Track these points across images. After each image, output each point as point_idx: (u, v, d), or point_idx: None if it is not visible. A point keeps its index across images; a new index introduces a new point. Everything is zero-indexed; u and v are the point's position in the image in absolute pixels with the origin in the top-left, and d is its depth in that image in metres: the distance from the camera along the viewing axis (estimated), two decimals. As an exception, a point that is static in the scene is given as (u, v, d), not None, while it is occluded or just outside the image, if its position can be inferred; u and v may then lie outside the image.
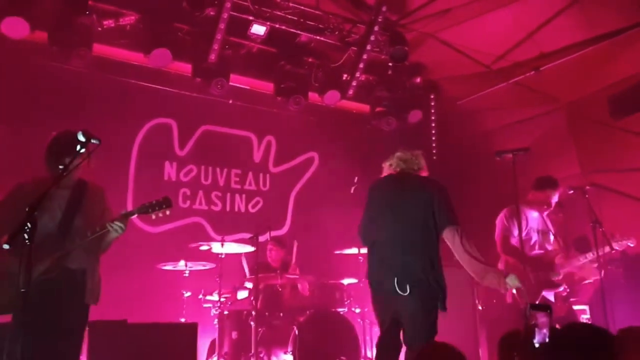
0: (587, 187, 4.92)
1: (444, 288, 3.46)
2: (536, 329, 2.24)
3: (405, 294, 3.37)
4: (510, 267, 4.86)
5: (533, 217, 5.12)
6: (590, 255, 4.96)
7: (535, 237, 5.08)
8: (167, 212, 3.32)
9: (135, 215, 3.31)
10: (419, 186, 3.70)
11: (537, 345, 2.22)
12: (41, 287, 3.00)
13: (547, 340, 2.22)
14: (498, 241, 5.10)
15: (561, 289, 4.98)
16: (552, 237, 5.13)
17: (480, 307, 6.32)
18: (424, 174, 3.85)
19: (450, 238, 3.52)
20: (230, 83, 6.11)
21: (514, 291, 4.75)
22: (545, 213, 5.17)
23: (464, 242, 3.47)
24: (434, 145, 7.67)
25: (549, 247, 5.10)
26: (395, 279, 3.40)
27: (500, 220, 5.14)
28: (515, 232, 4.93)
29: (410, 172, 3.78)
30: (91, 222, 3.23)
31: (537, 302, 4.69)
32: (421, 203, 3.59)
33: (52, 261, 3.09)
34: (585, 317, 5.90)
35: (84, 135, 2.89)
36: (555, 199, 5.09)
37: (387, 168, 3.87)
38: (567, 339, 2.25)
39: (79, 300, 3.20)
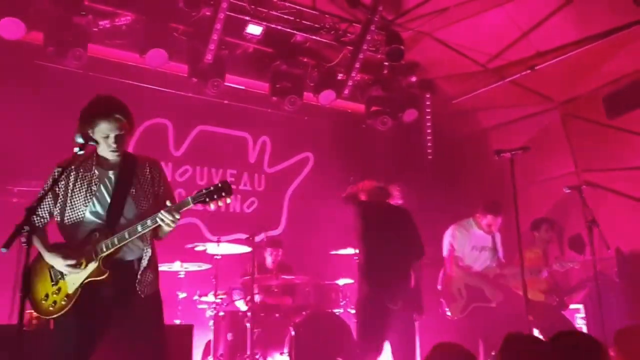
0: (583, 187, 4.93)
1: None
2: None
3: None
4: (447, 278, 5.29)
5: (478, 234, 5.34)
6: (513, 269, 5.06)
7: (475, 255, 5.34)
8: (228, 201, 2.81)
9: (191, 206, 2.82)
10: None
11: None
12: (94, 291, 2.81)
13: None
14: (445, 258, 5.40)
15: (493, 304, 5.12)
16: (496, 254, 5.36)
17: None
18: None
19: None
20: (226, 83, 6.10)
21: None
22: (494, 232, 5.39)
23: None
24: (429, 144, 7.68)
25: (492, 264, 5.33)
26: None
27: (445, 237, 5.43)
28: (457, 247, 5.30)
29: None
30: (143, 206, 2.95)
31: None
32: None
33: (101, 261, 2.81)
34: (580, 316, 5.92)
35: (82, 136, 2.84)
36: (492, 223, 5.28)
37: None
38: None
39: (137, 296, 2.90)
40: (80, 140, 2.82)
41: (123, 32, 5.70)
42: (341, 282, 5.79)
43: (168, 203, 2.82)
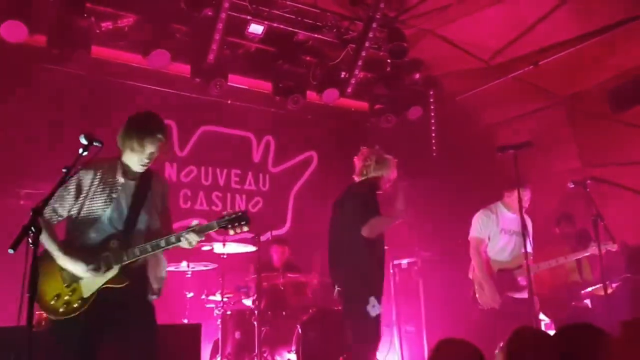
0: (588, 181, 4.90)
1: None
2: None
3: None
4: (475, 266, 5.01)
5: (508, 217, 5.10)
6: (561, 259, 5.01)
7: (506, 239, 5.08)
8: (246, 229, 3.01)
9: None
10: None
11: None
12: (108, 297, 2.90)
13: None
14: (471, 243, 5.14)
15: (525, 295, 4.66)
16: (528, 240, 5.11)
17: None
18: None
19: None
20: (229, 83, 6.11)
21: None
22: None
23: None
24: (433, 141, 7.66)
25: (523, 250, 4.91)
26: None
27: (473, 221, 5.18)
28: (487, 234, 5.04)
29: None
30: (152, 219, 3.08)
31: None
32: None
33: (120, 269, 2.92)
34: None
35: (86, 138, 2.86)
36: (521, 198, 4.79)
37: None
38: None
39: (147, 301, 3.08)
40: (84, 141, 2.84)
41: (125, 33, 5.71)
42: (347, 280, 5.79)
43: (194, 222, 2.98)
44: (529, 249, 4.61)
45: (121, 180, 3.04)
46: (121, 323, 2.93)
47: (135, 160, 3.05)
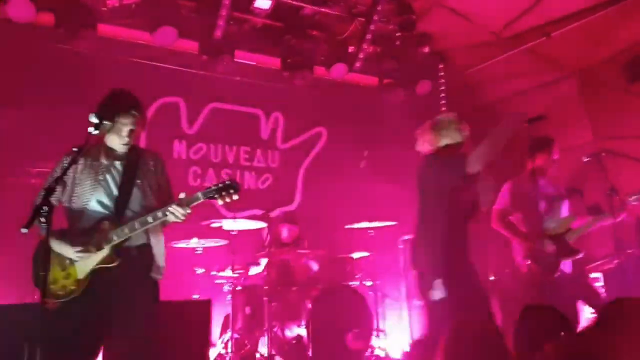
0: (602, 154, 4.83)
1: None
2: None
3: None
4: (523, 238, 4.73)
5: (542, 184, 4.88)
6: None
7: (544, 205, 4.83)
8: (235, 197, 3.03)
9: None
10: None
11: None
12: (103, 277, 2.96)
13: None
14: (494, 215, 4.86)
15: (580, 255, 4.66)
16: (562, 203, 4.96)
17: (492, 278, 6.35)
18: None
19: None
20: (236, 59, 6.07)
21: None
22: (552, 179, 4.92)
23: None
24: (443, 116, 7.58)
25: (560, 214, 4.86)
26: None
27: (503, 192, 4.92)
28: (518, 205, 4.80)
29: None
30: (149, 197, 3.10)
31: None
32: None
33: (111, 249, 2.96)
34: (599, 285, 5.88)
35: (96, 116, 2.89)
36: (551, 157, 4.75)
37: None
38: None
39: (147, 279, 3.09)
40: (94, 119, 2.87)
41: (132, 11, 5.67)
42: (356, 255, 5.83)
43: (182, 195, 2.99)
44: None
45: (105, 162, 3.08)
46: (119, 300, 2.97)
47: (117, 140, 3.08)
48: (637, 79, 6.17)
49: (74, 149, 2.96)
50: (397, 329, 6.58)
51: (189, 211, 3.00)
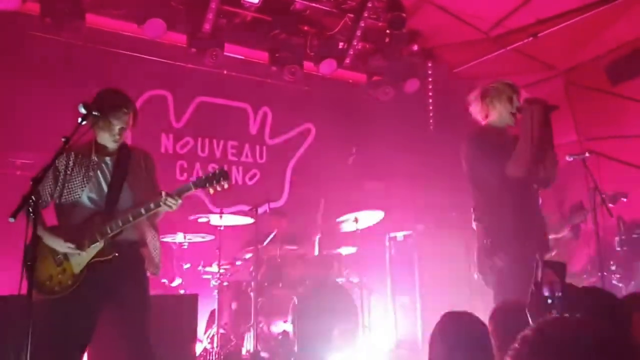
0: (586, 154, 4.89)
1: None
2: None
3: None
4: None
5: None
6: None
7: None
8: (226, 186, 3.09)
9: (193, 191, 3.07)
10: None
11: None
12: (99, 271, 2.97)
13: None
14: None
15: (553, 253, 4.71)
16: None
17: (476, 276, 6.38)
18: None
19: None
20: (225, 53, 6.03)
21: None
22: None
23: None
24: (431, 114, 7.63)
25: None
26: None
27: None
28: None
29: None
30: (139, 194, 3.11)
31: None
32: None
33: (106, 242, 2.98)
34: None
35: (85, 107, 2.87)
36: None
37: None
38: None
39: (141, 273, 3.12)
40: (82, 110, 2.85)
41: (120, 2, 5.62)
42: (343, 251, 5.84)
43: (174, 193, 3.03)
44: None
45: (95, 158, 3.08)
46: (116, 292, 3.00)
47: (108, 137, 3.09)
48: (620, 81, 6.26)
49: (63, 139, 2.93)
50: (382, 324, 6.60)
51: (180, 201, 3.03)
